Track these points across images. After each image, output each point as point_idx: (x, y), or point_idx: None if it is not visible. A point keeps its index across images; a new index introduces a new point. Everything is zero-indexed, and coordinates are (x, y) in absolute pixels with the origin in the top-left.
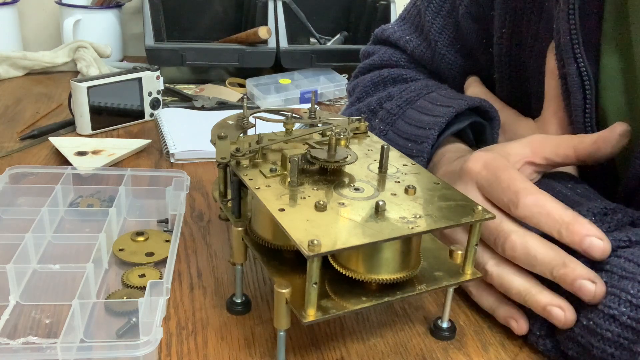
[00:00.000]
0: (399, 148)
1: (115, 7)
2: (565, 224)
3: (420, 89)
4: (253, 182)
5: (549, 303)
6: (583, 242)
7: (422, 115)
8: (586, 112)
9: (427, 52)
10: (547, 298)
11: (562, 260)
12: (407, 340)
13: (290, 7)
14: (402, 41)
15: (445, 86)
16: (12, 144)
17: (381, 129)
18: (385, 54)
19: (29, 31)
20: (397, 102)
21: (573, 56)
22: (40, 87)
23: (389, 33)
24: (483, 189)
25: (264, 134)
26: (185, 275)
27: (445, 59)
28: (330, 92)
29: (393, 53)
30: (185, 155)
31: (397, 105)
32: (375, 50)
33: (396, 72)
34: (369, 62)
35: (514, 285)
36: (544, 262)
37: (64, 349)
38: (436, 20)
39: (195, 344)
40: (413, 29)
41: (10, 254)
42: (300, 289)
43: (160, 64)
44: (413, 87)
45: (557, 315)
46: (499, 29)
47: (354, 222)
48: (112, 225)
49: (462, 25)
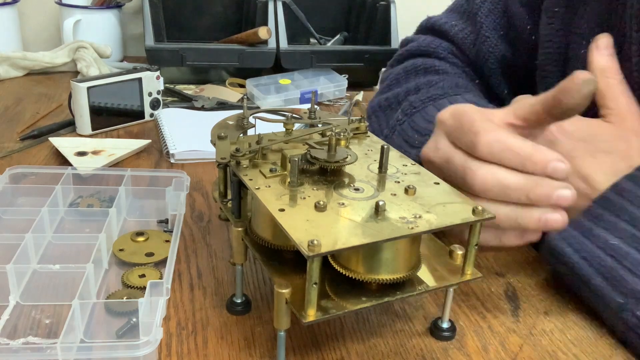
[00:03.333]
0: (407, 139)
1: (115, 8)
2: (527, 155)
3: (448, 88)
4: (253, 182)
5: (542, 213)
6: (547, 168)
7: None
8: None
9: (470, 36)
10: (538, 211)
11: (534, 182)
12: (407, 341)
13: (290, 7)
14: (447, 25)
15: (474, 88)
16: (12, 144)
17: (399, 118)
18: (424, 41)
19: (29, 31)
20: (421, 97)
21: None
22: (40, 87)
23: (435, 20)
24: (449, 135)
25: (264, 134)
26: (185, 275)
27: (488, 41)
28: (330, 93)
29: (433, 40)
30: (185, 156)
31: (421, 100)
32: (415, 39)
33: (429, 62)
34: (407, 48)
35: (501, 212)
36: (517, 187)
37: (64, 349)
38: (485, 4)
39: (195, 344)
40: (459, 16)
41: (10, 254)
42: (300, 289)
43: (160, 64)
44: (442, 84)
45: (555, 220)
46: (552, 8)
47: (354, 222)
48: (112, 225)
49: (511, 9)
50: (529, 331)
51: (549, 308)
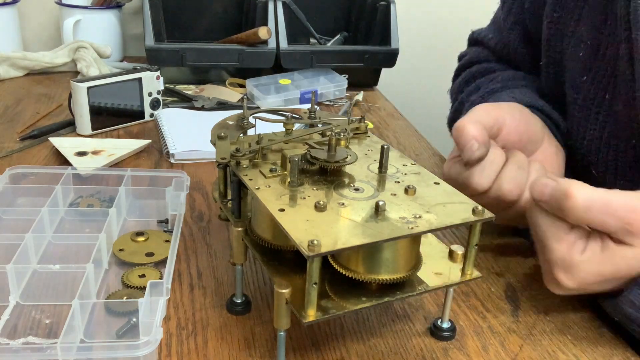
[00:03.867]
0: None
1: (115, 7)
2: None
3: (506, 80)
4: (253, 182)
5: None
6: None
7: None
8: None
9: (499, 44)
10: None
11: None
12: (407, 341)
13: (290, 7)
14: (486, 39)
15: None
16: (12, 144)
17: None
18: (475, 53)
19: (29, 31)
20: (481, 94)
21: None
22: (40, 87)
23: (477, 34)
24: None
25: (264, 134)
26: (185, 275)
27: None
28: (330, 93)
29: (482, 51)
30: (185, 156)
31: (480, 97)
32: (468, 52)
33: (484, 66)
34: (463, 62)
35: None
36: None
37: (64, 349)
38: (509, 17)
39: (195, 344)
40: (494, 28)
41: (10, 254)
42: (300, 289)
43: (160, 64)
44: (500, 77)
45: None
46: (551, 12)
47: (354, 222)
48: (112, 225)
49: (527, 9)
50: (529, 331)
51: (549, 308)
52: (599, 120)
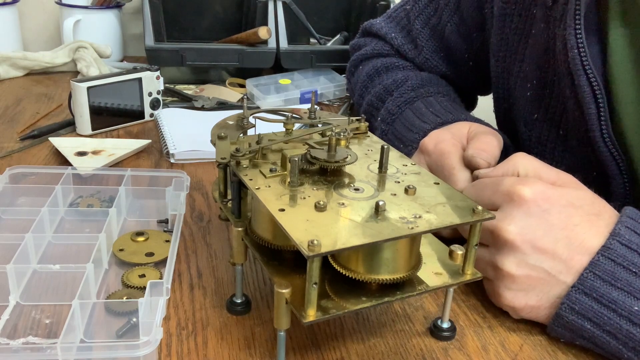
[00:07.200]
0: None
1: (115, 7)
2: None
3: (417, 87)
4: (253, 182)
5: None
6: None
7: (415, 119)
8: (601, 119)
9: (412, 52)
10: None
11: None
12: (407, 341)
13: (290, 7)
14: (388, 37)
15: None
16: (12, 144)
17: (382, 129)
18: (377, 45)
19: (29, 31)
20: (396, 102)
21: (582, 69)
22: (40, 87)
23: (377, 27)
24: (430, 166)
25: (264, 134)
26: (185, 275)
27: (429, 62)
28: (330, 92)
29: (383, 45)
30: (185, 156)
31: (397, 105)
32: (365, 43)
33: (388, 61)
34: (362, 53)
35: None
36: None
37: (64, 349)
38: (424, 30)
39: (195, 344)
40: (399, 28)
41: (10, 254)
42: (300, 289)
43: (160, 64)
44: (409, 82)
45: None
46: (497, 51)
47: (354, 222)
48: (112, 225)
49: (449, 38)
50: (529, 331)
51: None
52: (555, 155)
